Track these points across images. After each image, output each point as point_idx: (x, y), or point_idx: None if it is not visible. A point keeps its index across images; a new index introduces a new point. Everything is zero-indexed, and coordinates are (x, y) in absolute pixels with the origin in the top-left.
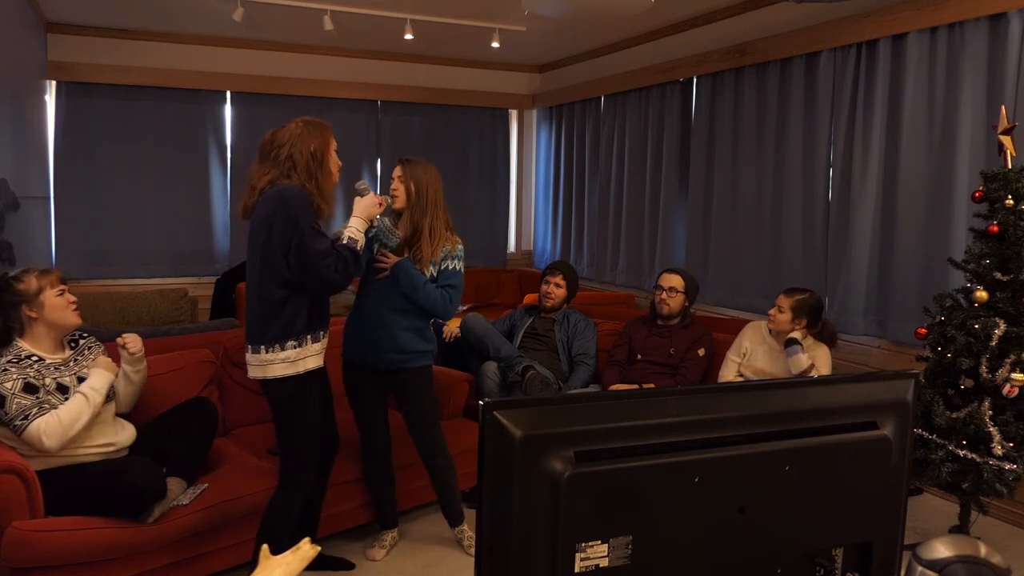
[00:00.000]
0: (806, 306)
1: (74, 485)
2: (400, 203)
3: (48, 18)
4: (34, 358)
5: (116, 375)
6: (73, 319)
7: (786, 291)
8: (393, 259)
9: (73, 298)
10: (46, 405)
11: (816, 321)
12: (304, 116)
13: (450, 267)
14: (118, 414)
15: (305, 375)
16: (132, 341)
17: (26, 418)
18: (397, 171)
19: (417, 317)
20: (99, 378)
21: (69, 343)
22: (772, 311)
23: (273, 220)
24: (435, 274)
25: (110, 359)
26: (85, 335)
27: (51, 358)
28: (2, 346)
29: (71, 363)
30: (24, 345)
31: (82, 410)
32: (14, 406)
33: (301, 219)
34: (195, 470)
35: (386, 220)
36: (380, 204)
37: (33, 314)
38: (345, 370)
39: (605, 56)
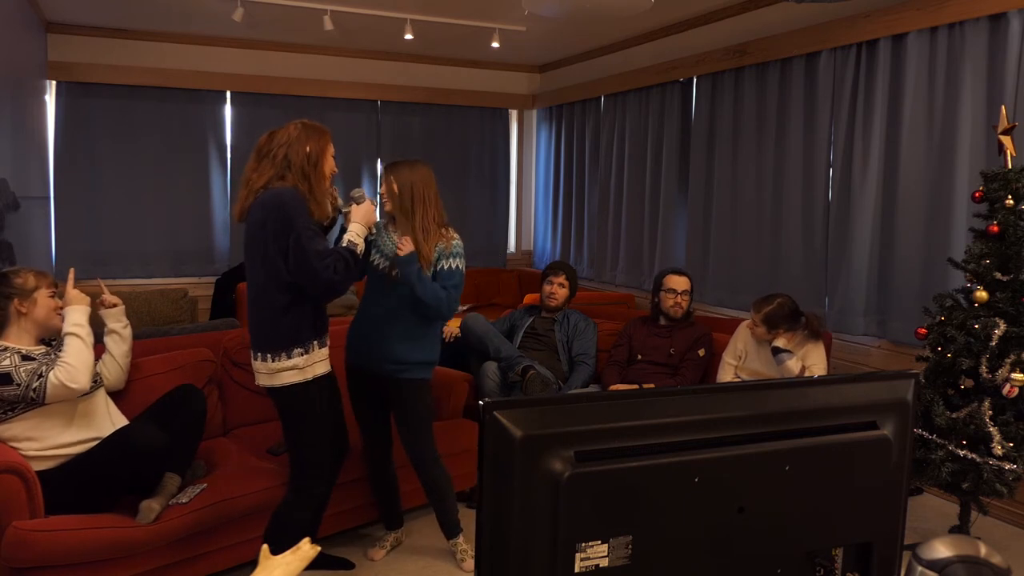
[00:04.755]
0: (776, 316)
1: (79, 471)
2: (389, 207)
3: (48, 18)
4: (11, 350)
5: (88, 305)
6: (58, 322)
7: (754, 303)
8: (410, 246)
9: (60, 304)
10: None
11: (795, 324)
12: (304, 119)
13: (447, 267)
14: (111, 392)
15: (315, 380)
16: (107, 293)
17: (40, 376)
18: (383, 177)
19: (417, 325)
20: (76, 313)
21: (41, 343)
22: (749, 323)
23: (269, 223)
24: (430, 275)
25: (77, 291)
26: (55, 340)
27: (27, 351)
28: None
29: (46, 356)
30: (2, 342)
31: (80, 347)
32: (23, 373)
33: (297, 220)
34: (188, 461)
35: (382, 221)
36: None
37: (23, 309)
38: (347, 374)
39: (605, 56)
